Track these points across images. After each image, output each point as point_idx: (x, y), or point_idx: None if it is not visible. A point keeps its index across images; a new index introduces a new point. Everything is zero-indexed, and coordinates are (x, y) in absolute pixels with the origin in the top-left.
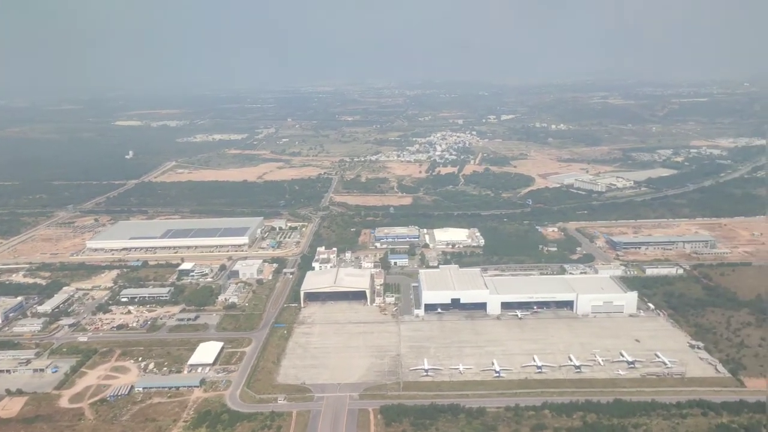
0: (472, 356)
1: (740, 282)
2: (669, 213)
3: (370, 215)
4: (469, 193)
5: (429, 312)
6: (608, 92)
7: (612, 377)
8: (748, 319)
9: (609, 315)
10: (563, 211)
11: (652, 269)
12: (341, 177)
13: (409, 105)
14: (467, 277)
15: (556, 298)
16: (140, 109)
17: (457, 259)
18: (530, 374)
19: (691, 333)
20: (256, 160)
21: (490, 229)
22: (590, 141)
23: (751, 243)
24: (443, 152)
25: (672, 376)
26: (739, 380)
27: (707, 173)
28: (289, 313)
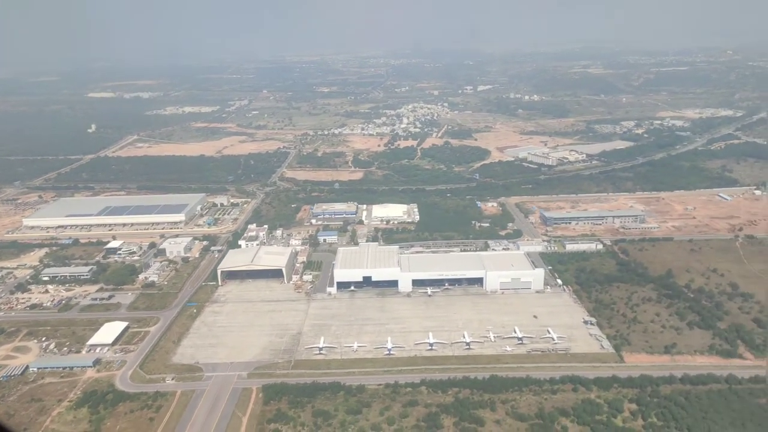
0: (371, 334)
1: (655, 257)
2: (612, 187)
3: (316, 191)
4: (422, 168)
5: (342, 290)
6: (592, 61)
7: (498, 354)
8: (650, 294)
9: (517, 291)
10: (508, 185)
11: (572, 245)
12: (299, 151)
13: (391, 75)
14: (383, 255)
15: (466, 275)
16: (118, 80)
17: (387, 236)
18: (421, 351)
19: (590, 309)
20: (219, 134)
21: (430, 204)
22: (559, 112)
23: (681, 217)
24: (408, 125)
25: (556, 352)
26: (620, 356)
27: (662, 146)
28: (205, 292)
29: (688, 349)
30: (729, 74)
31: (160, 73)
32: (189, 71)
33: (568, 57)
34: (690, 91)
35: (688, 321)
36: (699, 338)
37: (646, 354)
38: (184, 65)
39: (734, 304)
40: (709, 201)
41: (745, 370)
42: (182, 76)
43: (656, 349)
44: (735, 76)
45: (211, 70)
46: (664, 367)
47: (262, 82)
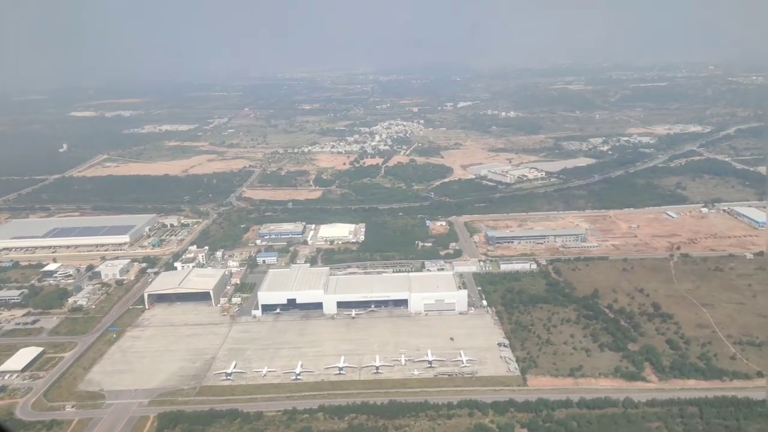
0: (284, 358)
1: (586, 277)
2: (564, 205)
3: (269, 210)
4: (381, 186)
5: (267, 312)
6: (576, 77)
7: (405, 378)
8: (571, 315)
9: (440, 313)
10: (462, 204)
11: (506, 265)
12: (263, 170)
13: (376, 92)
14: (311, 277)
15: (390, 297)
16: (104, 99)
17: (328, 256)
18: (329, 376)
19: (508, 330)
20: (190, 153)
21: (380, 224)
22: (531, 129)
23: (624, 236)
24: (378, 143)
25: (463, 375)
26: (524, 379)
27: (624, 163)
28: (130, 316)
29: (593, 372)
30: (706, 89)
31: (149, 91)
32: (176, 89)
33: (554, 73)
34: (664, 106)
35: (601, 343)
36: (607, 360)
37: (550, 377)
38: (173, 82)
39: (652, 324)
40: (654, 219)
41: (645, 394)
42: (168, 94)
43: (561, 372)
44: (711, 92)
45: (199, 88)
46: (565, 391)
47: (246, 100)
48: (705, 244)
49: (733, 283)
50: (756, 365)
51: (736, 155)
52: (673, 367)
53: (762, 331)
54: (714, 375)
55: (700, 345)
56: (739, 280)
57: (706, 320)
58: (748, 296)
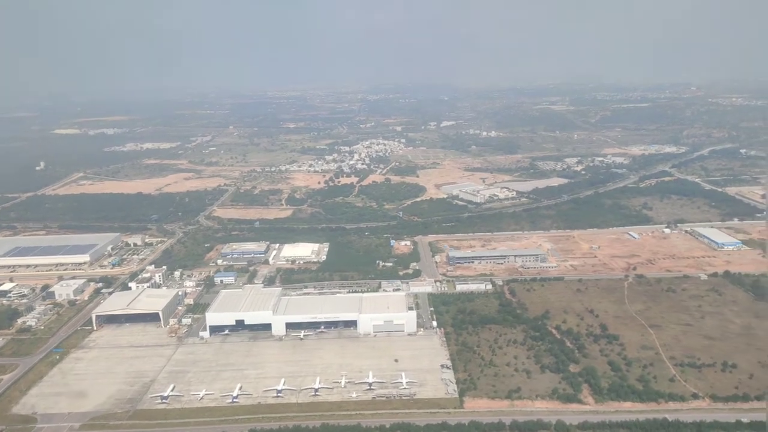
0: (225, 380)
1: (540, 298)
2: (530, 225)
3: (236, 230)
4: (353, 205)
5: (216, 334)
6: (561, 97)
7: (343, 400)
8: (518, 336)
9: (389, 334)
10: (429, 223)
11: (462, 285)
12: (237, 189)
13: (363, 111)
14: (263, 298)
15: (339, 318)
16: (90, 116)
17: (287, 276)
18: (266, 399)
19: (453, 352)
20: (168, 171)
21: (345, 243)
22: (509, 149)
23: (584, 256)
24: (356, 162)
25: (401, 398)
26: (461, 401)
27: (595, 183)
28: (77, 337)
29: (530, 394)
30: (685, 111)
31: (136, 108)
32: (165, 106)
33: (540, 93)
34: (643, 127)
35: (543, 364)
36: (547, 382)
37: (487, 399)
38: (162, 100)
39: (597, 346)
40: (617, 240)
41: (579, 416)
42: (155, 111)
43: (499, 394)
44: (690, 113)
45: (187, 106)
46: (500, 413)
47: (232, 118)
48: (662, 264)
49: (684, 304)
50: (694, 387)
51: (707, 176)
52: (611, 389)
53: (705, 353)
54: (650, 397)
55: (641, 367)
56: (690, 302)
57: (651, 342)
58: (696, 318)
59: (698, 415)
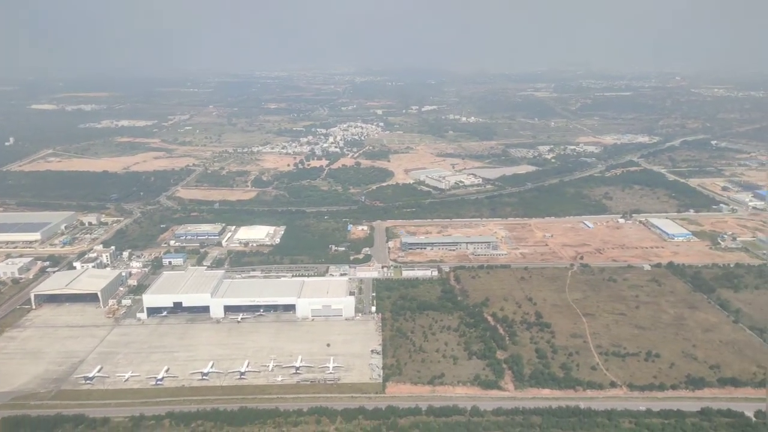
0: (154, 362)
1: (483, 285)
2: (490, 212)
3: (196, 211)
4: (318, 189)
5: (153, 315)
6: (546, 84)
7: (268, 383)
8: (454, 323)
9: (327, 319)
10: (390, 209)
11: (408, 271)
12: (205, 169)
13: (348, 93)
14: (204, 280)
15: (278, 301)
16: (71, 92)
17: (237, 259)
18: (192, 381)
19: (387, 337)
20: (139, 149)
21: (303, 227)
22: (485, 135)
23: (536, 244)
24: (330, 145)
25: (326, 382)
26: (384, 386)
27: (562, 171)
28: (14, 316)
29: (453, 380)
30: (666, 100)
31: (119, 85)
32: (149, 83)
33: (528, 79)
34: (621, 116)
35: (471, 351)
36: (472, 368)
37: (410, 384)
38: (148, 77)
39: (529, 333)
40: (571, 228)
41: (495, 402)
42: (137, 89)
43: (423, 380)
44: (670, 103)
45: (172, 83)
46: (420, 398)
47: (214, 97)
48: (610, 254)
49: (622, 294)
50: (614, 376)
51: (673, 167)
52: (532, 376)
53: (632, 343)
54: (569, 385)
55: (567, 355)
56: (628, 291)
57: (582, 330)
58: (631, 307)
59: (613, 403)
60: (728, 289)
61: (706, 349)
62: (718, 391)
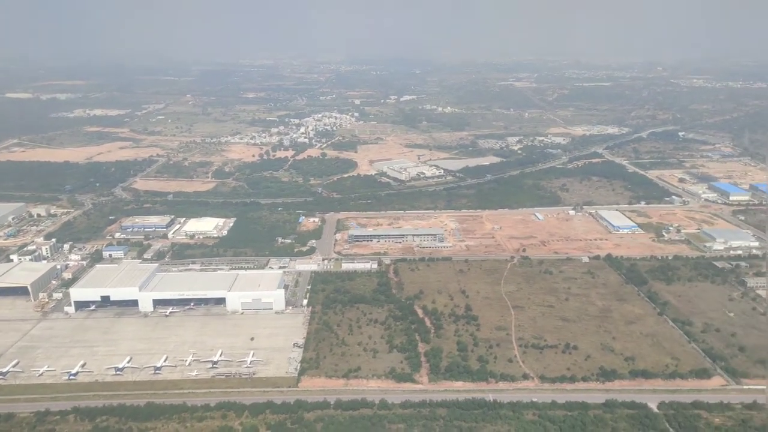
0: (73, 357)
1: (420, 278)
2: (446, 203)
3: (149, 202)
4: (279, 180)
5: (82, 309)
6: (529, 74)
7: (182, 378)
8: (383, 316)
9: (257, 312)
10: (346, 200)
11: (348, 264)
12: (168, 160)
13: (330, 82)
14: (136, 273)
15: (207, 295)
16: (49, 80)
17: (179, 251)
18: (106, 376)
19: (312, 330)
20: (106, 139)
21: (254, 219)
22: (458, 125)
23: (484, 237)
24: (300, 135)
25: (241, 376)
26: (298, 380)
27: (526, 163)
28: None
29: (368, 373)
30: (642, 91)
31: (102, 73)
32: (130, 72)
33: (513, 69)
34: (596, 107)
35: (393, 344)
36: (390, 362)
37: (325, 378)
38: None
39: (455, 326)
40: (521, 220)
41: (406, 395)
42: (117, 77)
43: (338, 373)
44: (647, 93)
45: (154, 71)
46: (333, 392)
47: (194, 86)
48: (554, 246)
49: (555, 286)
50: (528, 368)
51: (636, 158)
52: (448, 369)
53: (553, 335)
54: (482, 377)
55: (487, 347)
56: (562, 283)
57: (507, 323)
58: (561, 299)
59: (521, 395)
60: (661, 282)
61: (624, 342)
62: (628, 383)
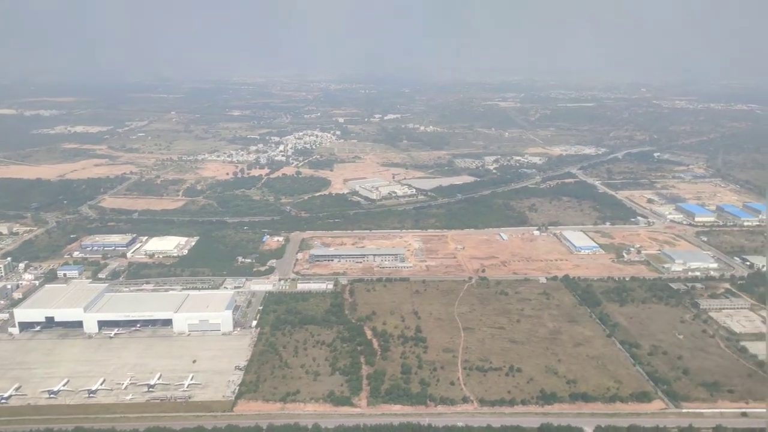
0: (8, 380)
1: (375, 298)
2: (413, 223)
3: (114, 220)
4: (250, 198)
5: (27, 330)
6: (516, 94)
7: (116, 402)
8: (330, 338)
9: (204, 333)
10: (313, 219)
11: (303, 284)
12: (140, 177)
13: (318, 100)
14: (84, 294)
15: (153, 316)
16: (39, 96)
17: (136, 271)
18: (40, 400)
19: (257, 353)
20: (83, 156)
21: (218, 237)
22: (437, 145)
23: (446, 257)
24: (276, 153)
25: (176, 400)
26: (234, 404)
27: (499, 182)
28: None
29: (306, 397)
30: (623, 112)
31: (93, 90)
32: (123, 89)
33: (501, 89)
34: (576, 127)
35: (337, 366)
36: (330, 385)
37: (262, 402)
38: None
39: (403, 348)
40: (486, 240)
41: (340, 419)
42: (105, 94)
43: (276, 397)
44: (628, 114)
45: (146, 89)
46: (268, 416)
47: (182, 103)
48: (514, 267)
49: (509, 307)
50: (469, 391)
51: (608, 179)
52: (389, 392)
53: (500, 357)
54: (421, 401)
55: (431, 369)
56: (516, 305)
57: (455, 345)
58: (513, 321)
59: (458, 419)
60: (615, 303)
61: (569, 364)
62: (568, 406)
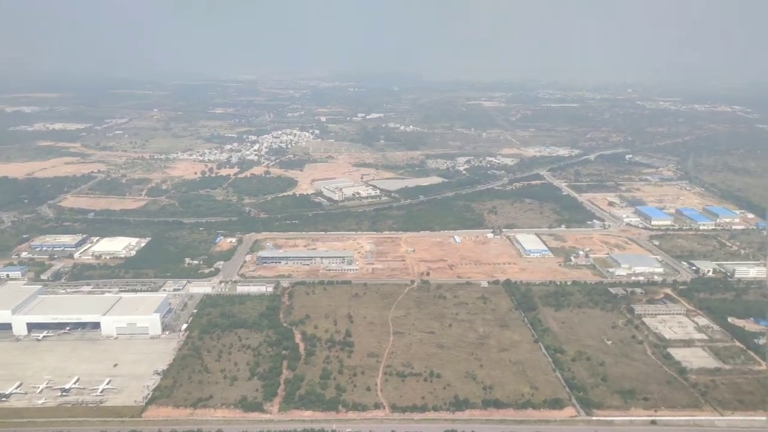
0: None
1: (313, 302)
2: (370, 225)
3: (69, 220)
4: (213, 199)
5: None
6: (503, 93)
7: (27, 407)
8: (258, 342)
9: (132, 337)
10: (270, 220)
11: (243, 287)
12: (107, 176)
13: (304, 98)
14: (17, 296)
15: (82, 319)
16: (24, 92)
17: (79, 273)
18: None
19: (180, 357)
20: (56, 154)
21: (171, 238)
22: (413, 145)
23: (394, 260)
24: (249, 153)
25: (87, 405)
26: (144, 409)
27: (464, 184)
28: None
29: (218, 402)
30: (605, 113)
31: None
32: (111, 84)
33: (490, 88)
34: (555, 128)
35: (256, 371)
36: (245, 390)
37: (173, 407)
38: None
39: (328, 352)
40: (438, 243)
41: (248, 425)
42: (89, 90)
43: (188, 402)
44: (609, 115)
45: (132, 85)
46: (174, 422)
47: (166, 100)
48: (460, 270)
49: (444, 311)
50: (384, 397)
51: (575, 181)
52: (303, 397)
53: (423, 363)
54: (333, 407)
55: (351, 375)
56: (452, 309)
57: (382, 350)
58: (445, 325)
59: (367, 425)
60: (551, 307)
61: (490, 369)
62: (479, 412)
